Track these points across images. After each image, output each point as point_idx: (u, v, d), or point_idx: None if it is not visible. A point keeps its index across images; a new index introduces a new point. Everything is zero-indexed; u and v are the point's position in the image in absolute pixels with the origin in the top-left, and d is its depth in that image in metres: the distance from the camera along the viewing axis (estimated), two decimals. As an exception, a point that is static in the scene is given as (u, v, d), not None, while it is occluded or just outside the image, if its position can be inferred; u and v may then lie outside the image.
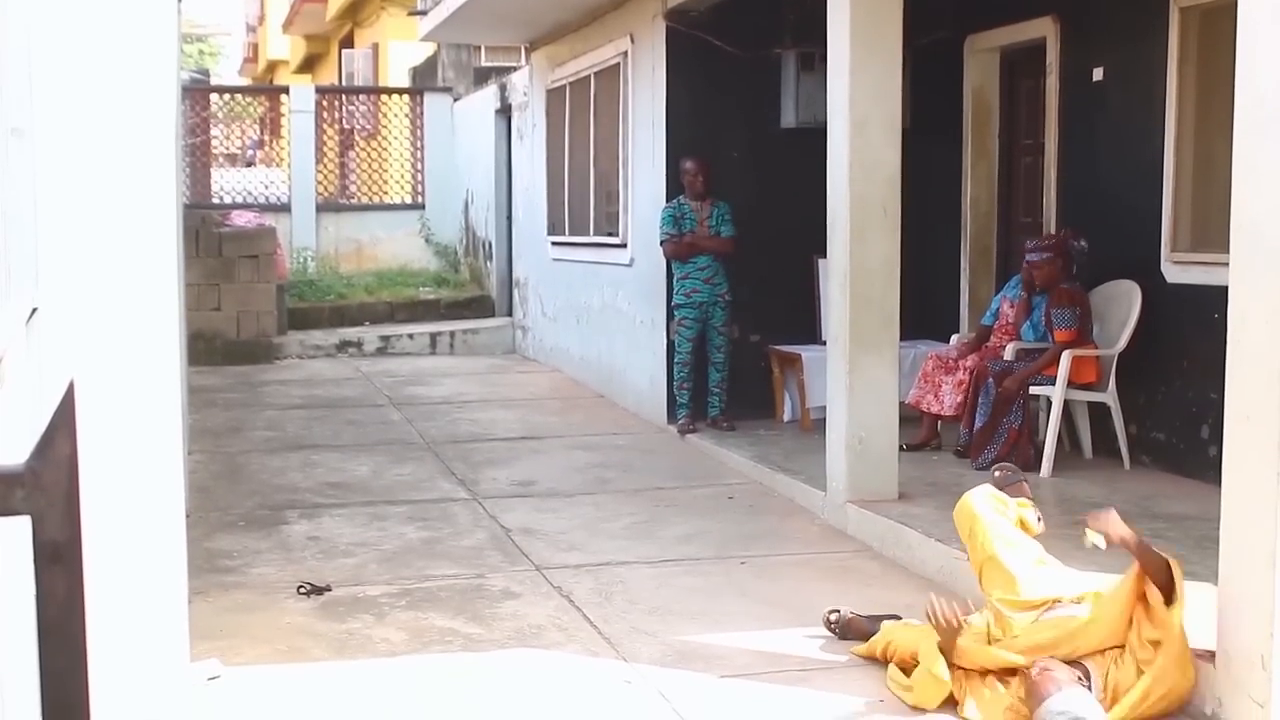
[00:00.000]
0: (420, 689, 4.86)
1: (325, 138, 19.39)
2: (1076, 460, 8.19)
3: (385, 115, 19.44)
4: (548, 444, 9.82)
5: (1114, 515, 4.56)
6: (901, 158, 7.13)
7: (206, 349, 13.92)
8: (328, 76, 30.97)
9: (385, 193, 19.56)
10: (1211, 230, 7.16)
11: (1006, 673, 4.57)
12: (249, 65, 45.24)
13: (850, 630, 5.35)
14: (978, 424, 8.04)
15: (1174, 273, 7.77)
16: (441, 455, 9.32)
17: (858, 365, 7.14)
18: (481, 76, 18.99)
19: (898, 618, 5.38)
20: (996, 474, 5.34)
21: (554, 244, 13.48)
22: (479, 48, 19.52)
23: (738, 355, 9.90)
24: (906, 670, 4.83)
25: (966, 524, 4.99)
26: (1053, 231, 8.64)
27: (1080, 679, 4.38)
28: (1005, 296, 8.62)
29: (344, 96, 20.29)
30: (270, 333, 14.75)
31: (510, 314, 16.12)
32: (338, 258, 18.35)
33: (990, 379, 8.00)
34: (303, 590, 6.01)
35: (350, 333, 15.61)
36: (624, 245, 11.28)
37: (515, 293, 15.82)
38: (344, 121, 19.78)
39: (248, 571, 6.42)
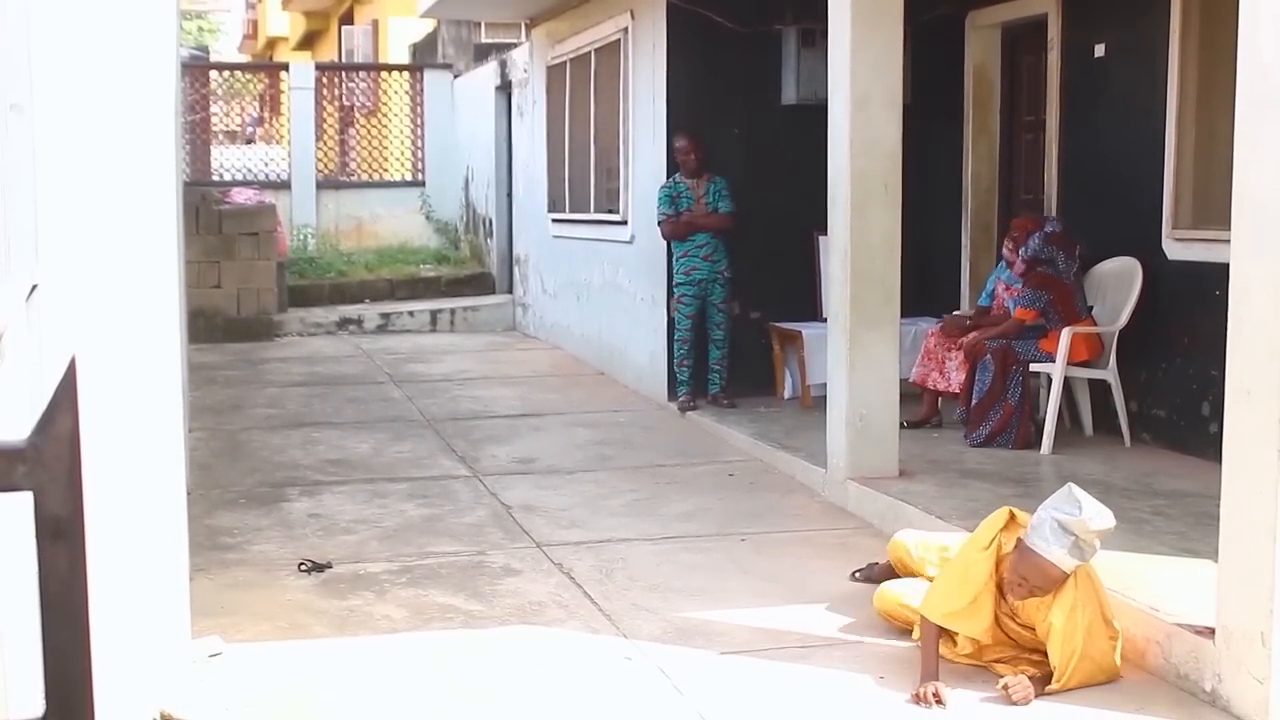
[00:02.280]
0: (421, 666, 4.87)
1: (325, 115, 19.33)
2: (1077, 438, 8.20)
3: (385, 92, 19.39)
4: (548, 421, 9.83)
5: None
6: (902, 134, 7.12)
7: (207, 326, 13.92)
8: (327, 53, 30.91)
9: (385, 170, 19.52)
10: (1213, 207, 7.15)
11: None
12: (248, 42, 45.14)
13: (876, 576, 5.59)
14: (975, 399, 8.05)
15: (1175, 249, 7.76)
16: (442, 432, 9.33)
17: (858, 342, 7.13)
18: (482, 53, 18.94)
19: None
20: (858, 575, 5.79)
21: (554, 221, 13.47)
22: (479, 24, 19.49)
23: (738, 332, 9.90)
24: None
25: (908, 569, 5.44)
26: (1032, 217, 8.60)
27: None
28: (999, 278, 8.61)
29: (344, 73, 20.21)
30: (270, 310, 14.75)
31: (511, 291, 16.10)
32: (338, 235, 18.33)
33: (989, 355, 8.01)
34: (304, 567, 6.02)
35: (351, 310, 15.60)
36: (624, 222, 11.27)
37: (516, 270, 15.81)
38: (344, 98, 19.73)
39: (249, 549, 6.43)
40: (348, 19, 28.71)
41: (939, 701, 4.47)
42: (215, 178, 18.54)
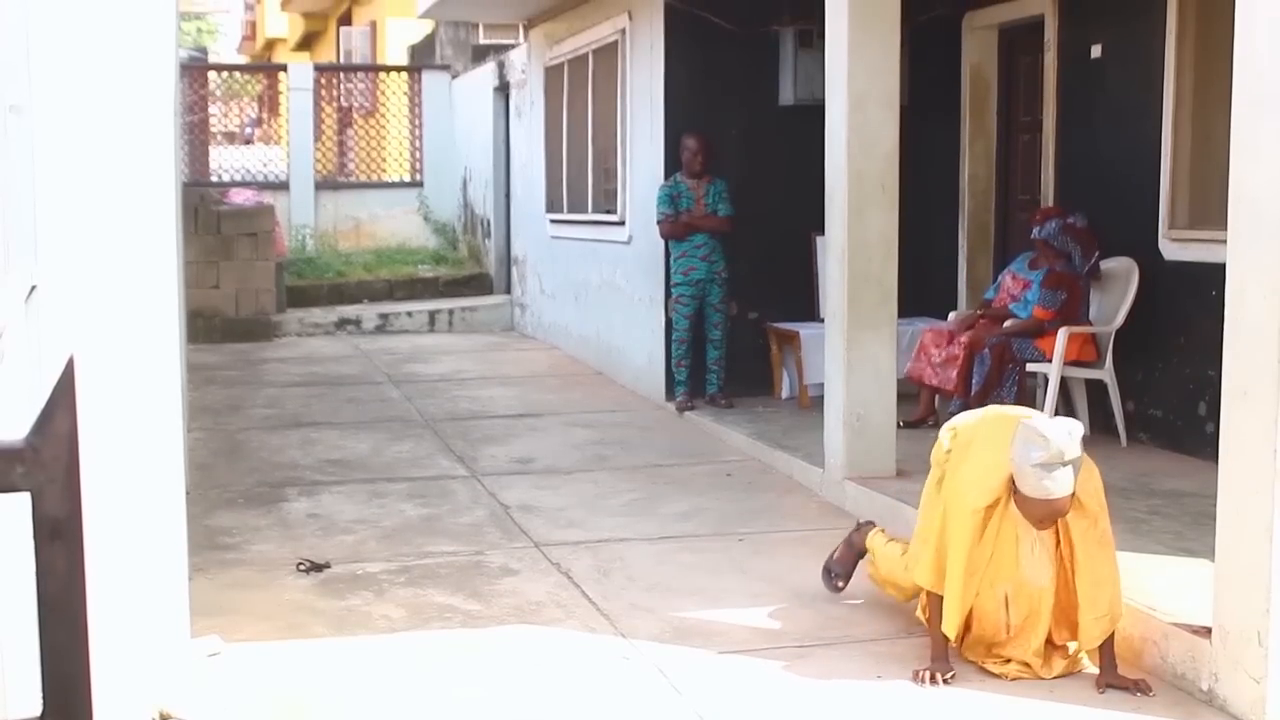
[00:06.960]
0: (419, 665, 4.88)
1: (323, 116, 19.33)
2: (1074, 437, 8.18)
3: (383, 93, 19.39)
4: (546, 421, 9.83)
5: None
6: (900, 135, 7.13)
7: (205, 327, 13.92)
8: (326, 54, 30.89)
9: (384, 171, 19.52)
10: (1210, 207, 7.16)
11: None
12: (247, 43, 45.14)
13: (843, 568, 5.59)
14: (973, 391, 8.06)
15: (1172, 250, 7.76)
16: (440, 432, 9.33)
17: (856, 342, 7.14)
18: (479, 54, 18.94)
19: (872, 524, 5.71)
20: (840, 585, 5.64)
21: (552, 222, 13.47)
22: (477, 25, 19.47)
23: (736, 333, 9.90)
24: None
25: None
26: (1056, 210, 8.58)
27: None
28: (1010, 270, 8.58)
29: (342, 74, 20.20)
30: (269, 310, 14.75)
31: (509, 291, 16.11)
32: (336, 235, 18.32)
33: (986, 350, 8.01)
34: (302, 567, 6.03)
35: (349, 310, 15.60)
36: (622, 223, 11.27)
37: (514, 270, 15.81)
38: (342, 99, 19.72)
39: (247, 548, 6.44)
40: (346, 20, 28.70)
41: (933, 680, 4.56)
42: (214, 178, 18.53)
